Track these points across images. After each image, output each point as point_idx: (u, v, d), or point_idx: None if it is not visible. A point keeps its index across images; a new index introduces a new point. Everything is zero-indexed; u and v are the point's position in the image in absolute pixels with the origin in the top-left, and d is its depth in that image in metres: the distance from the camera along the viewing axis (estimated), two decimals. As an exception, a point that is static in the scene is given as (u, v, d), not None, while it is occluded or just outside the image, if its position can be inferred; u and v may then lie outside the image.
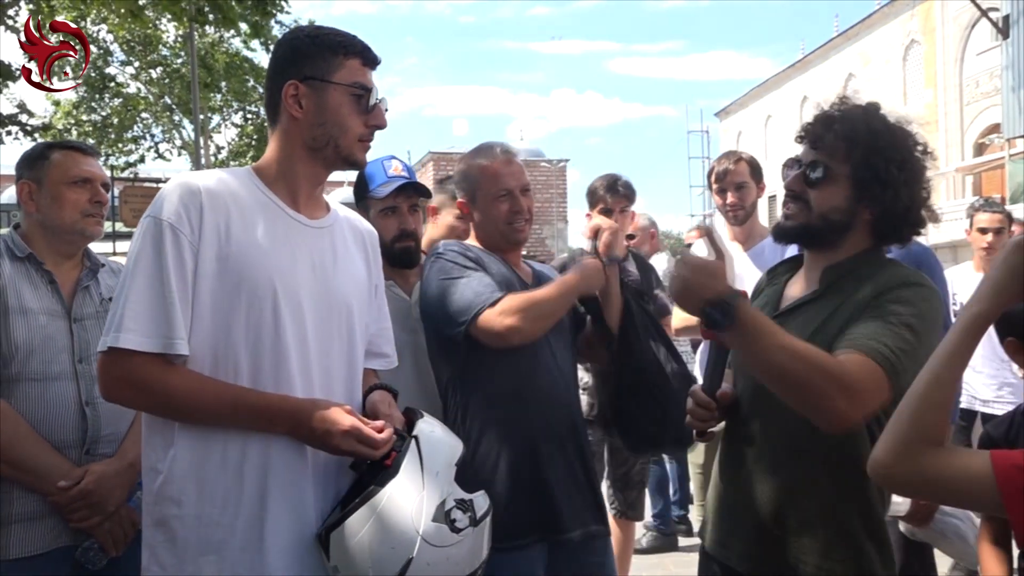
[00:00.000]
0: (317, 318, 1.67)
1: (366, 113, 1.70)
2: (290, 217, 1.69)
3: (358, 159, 1.73)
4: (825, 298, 1.68)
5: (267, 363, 1.60)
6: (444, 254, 2.28)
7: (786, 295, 1.81)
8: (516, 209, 2.32)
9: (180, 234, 1.55)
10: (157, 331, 1.52)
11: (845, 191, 1.65)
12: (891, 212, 1.64)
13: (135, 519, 1.99)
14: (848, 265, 1.68)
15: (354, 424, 1.58)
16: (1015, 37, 16.18)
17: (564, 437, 2.24)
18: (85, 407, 2.03)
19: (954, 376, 1.18)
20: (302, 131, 1.68)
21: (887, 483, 1.32)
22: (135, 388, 1.56)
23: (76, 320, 2.09)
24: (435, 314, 2.22)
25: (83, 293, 2.14)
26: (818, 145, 1.69)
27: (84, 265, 2.21)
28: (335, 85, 1.66)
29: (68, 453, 2.00)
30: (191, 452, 1.57)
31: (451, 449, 1.70)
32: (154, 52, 19.21)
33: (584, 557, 2.24)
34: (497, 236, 2.35)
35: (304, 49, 1.68)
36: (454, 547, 1.58)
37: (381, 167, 2.52)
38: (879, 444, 1.19)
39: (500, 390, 2.19)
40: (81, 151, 2.22)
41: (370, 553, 1.52)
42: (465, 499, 1.63)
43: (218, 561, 1.55)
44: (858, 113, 1.68)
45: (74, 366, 2.05)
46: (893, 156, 1.62)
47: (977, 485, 1.12)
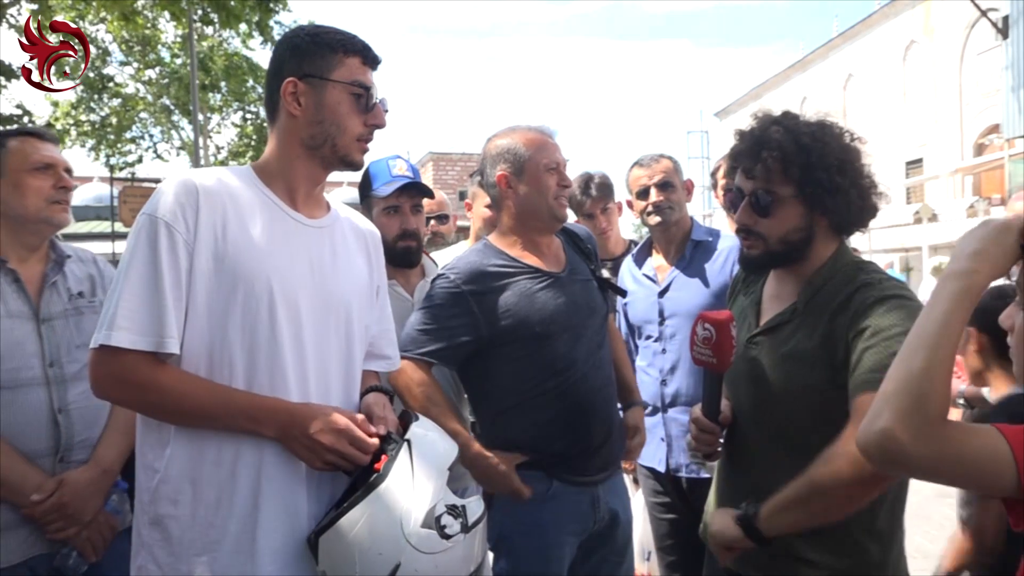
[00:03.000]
0: (314, 318, 1.65)
1: (365, 112, 1.68)
2: (288, 216, 1.67)
3: (355, 159, 1.70)
4: (804, 315, 1.69)
5: (262, 362, 1.59)
6: (447, 276, 2.24)
7: (764, 307, 1.82)
8: (565, 183, 2.28)
9: (175, 232, 1.53)
10: (149, 329, 1.51)
11: (797, 210, 1.67)
12: (846, 211, 1.67)
13: (113, 523, 1.97)
14: (823, 277, 1.69)
15: (348, 425, 1.57)
16: (1015, 37, 16.18)
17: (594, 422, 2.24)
18: (57, 414, 1.95)
19: (953, 348, 1.13)
20: (300, 129, 1.66)
21: (894, 458, 1.11)
22: (125, 386, 1.54)
23: (44, 321, 2.00)
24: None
25: (51, 290, 2.05)
26: (753, 174, 1.70)
27: (49, 258, 2.10)
28: (334, 83, 1.64)
29: (41, 462, 1.93)
30: (187, 451, 1.56)
31: (445, 453, 1.67)
32: (152, 52, 19.20)
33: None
34: (544, 211, 2.27)
35: (303, 47, 1.66)
36: (443, 554, 1.53)
37: (385, 166, 2.53)
38: (879, 419, 1.10)
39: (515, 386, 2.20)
40: (39, 136, 2.12)
41: (358, 558, 1.49)
42: (457, 505, 1.58)
43: (210, 562, 1.54)
44: (778, 129, 1.68)
45: (45, 371, 1.96)
46: (829, 162, 1.63)
47: (995, 462, 1.07)
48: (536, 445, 2.19)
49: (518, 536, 2.18)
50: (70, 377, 1.98)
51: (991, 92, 20.82)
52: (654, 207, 2.89)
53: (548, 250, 2.31)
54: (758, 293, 1.85)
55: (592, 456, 2.24)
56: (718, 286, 2.79)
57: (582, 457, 2.23)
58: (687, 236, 2.93)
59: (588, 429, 2.23)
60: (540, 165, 2.24)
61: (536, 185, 2.24)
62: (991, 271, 1.14)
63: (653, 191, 2.89)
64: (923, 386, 1.10)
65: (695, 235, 2.92)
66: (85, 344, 1.93)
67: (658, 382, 2.84)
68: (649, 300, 2.89)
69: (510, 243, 2.31)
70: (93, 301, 2.09)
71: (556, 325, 2.19)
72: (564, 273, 2.28)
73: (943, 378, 1.11)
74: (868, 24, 28.21)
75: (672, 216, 2.90)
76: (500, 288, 2.20)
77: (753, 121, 1.75)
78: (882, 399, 1.12)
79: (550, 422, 2.20)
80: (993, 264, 1.14)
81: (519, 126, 2.33)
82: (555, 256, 2.33)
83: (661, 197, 2.88)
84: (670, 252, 2.95)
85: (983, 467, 1.09)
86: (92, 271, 2.16)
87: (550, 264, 2.28)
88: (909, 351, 1.14)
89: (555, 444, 2.20)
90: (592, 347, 2.25)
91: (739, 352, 1.76)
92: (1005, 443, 1.07)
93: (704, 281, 2.83)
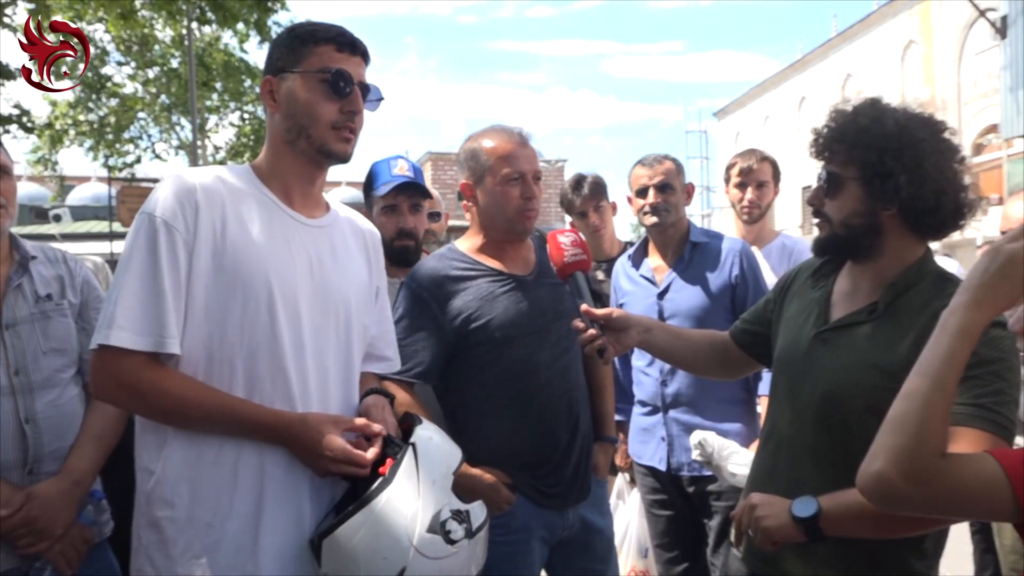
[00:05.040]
0: (313, 317, 1.64)
1: (340, 99, 1.63)
2: (287, 215, 1.66)
3: (333, 148, 1.65)
4: (884, 319, 1.61)
5: (262, 362, 1.58)
6: (409, 284, 2.20)
7: (833, 302, 1.74)
8: (528, 195, 2.16)
9: (175, 231, 1.52)
10: (149, 329, 1.49)
11: (857, 194, 1.62)
12: (912, 206, 1.58)
13: (87, 536, 1.90)
14: (907, 280, 1.62)
15: (343, 450, 1.56)
16: (1013, 37, 16.19)
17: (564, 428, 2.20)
18: (24, 424, 1.85)
19: (955, 383, 1.14)
20: (279, 125, 1.66)
21: (890, 500, 1.15)
22: (125, 389, 1.53)
23: (8, 327, 1.88)
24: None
25: (15, 293, 1.91)
26: (824, 156, 1.68)
27: (13, 259, 1.96)
28: (303, 73, 1.62)
29: (9, 475, 1.83)
30: (184, 453, 1.55)
31: (449, 457, 1.66)
32: (150, 52, 19.19)
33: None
34: (503, 224, 2.19)
35: (280, 43, 1.67)
36: (448, 559, 1.53)
37: (387, 166, 2.55)
38: (876, 460, 1.13)
39: (493, 389, 2.16)
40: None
41: (363, 562, 1.48)
42: (461, 510, 1.58)
43: (210, 563, 1.53)
44: (848, 113, 1.66)
45: (10, 379, 1.85)
46: (888, 146, 1.57)
47: (992, 491, 1.07)
48: (500, 454, 2.14)
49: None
50: (37, 385, 1.89)
51: (989, 92, 20.84)
52: (651, 208, 2.89)
53: (515, 253, 2.24)
54: (828, 288, 1.76)
55: (559, 466, 2.18)
56: (717, 287, 2.80)
57: (548, 465, 2.17)
58: (685, 238, 2.93)
59: (553, 435, 2.17)
60: (500, 175, 2.15)
61: (495, 196, 2.17)
62: (996, 308, 1.13)
63: (651, 191, 2.90)
64: (919, 426, 1.11)
65: (693, 237, 2.92)
66: (53, 350, 1.92)
67: (658, 382, 2.85)
68: (647, 301, 2.90)
69: (474, 246, 2.26)
70: (61, 304, 1.97)
71: (517, 328, 2.13)
72: (530, 276, 2.22)
73: (941, 415, 1.12)
74: (866, 24, 28.22)
75: (668, 219, 2.90)
76: (459, 291, 2.15)
77: (831, 108, 1.70)
78: (880, 439, 1.14)
79: (513, 428, 2.15)
80: (996, 302, 1.13)
81: (493, 128, 2.24)
82: (523, 259, 2.26)
83: (658, 199, 2.89)
84: (667, 254, 2.96)
85: (981, 497, 1.09)
86: (61, 271, 2.02)
87: (515, 267, 2.22)
88: (910, 387, 1.14)
89: (519, 452, 2.15)
90: (557, 352, 2.18)
91: (804, 347, 1.71)
92: (1000, 469, 1.07)
93: (703, 282, 2.84)
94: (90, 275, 2.09)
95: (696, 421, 2.73)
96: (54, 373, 1.92)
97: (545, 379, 2.16)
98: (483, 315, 2.13)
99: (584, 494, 2.26)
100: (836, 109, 1.69)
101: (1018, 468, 1.06)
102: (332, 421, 1.59)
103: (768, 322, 1.91)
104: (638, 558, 3.12)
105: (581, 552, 2.26)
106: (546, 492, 2.18)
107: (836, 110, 1.69)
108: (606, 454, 2.45)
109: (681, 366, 2.40)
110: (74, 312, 2.00)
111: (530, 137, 2.23)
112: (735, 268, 2.82)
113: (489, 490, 2.07)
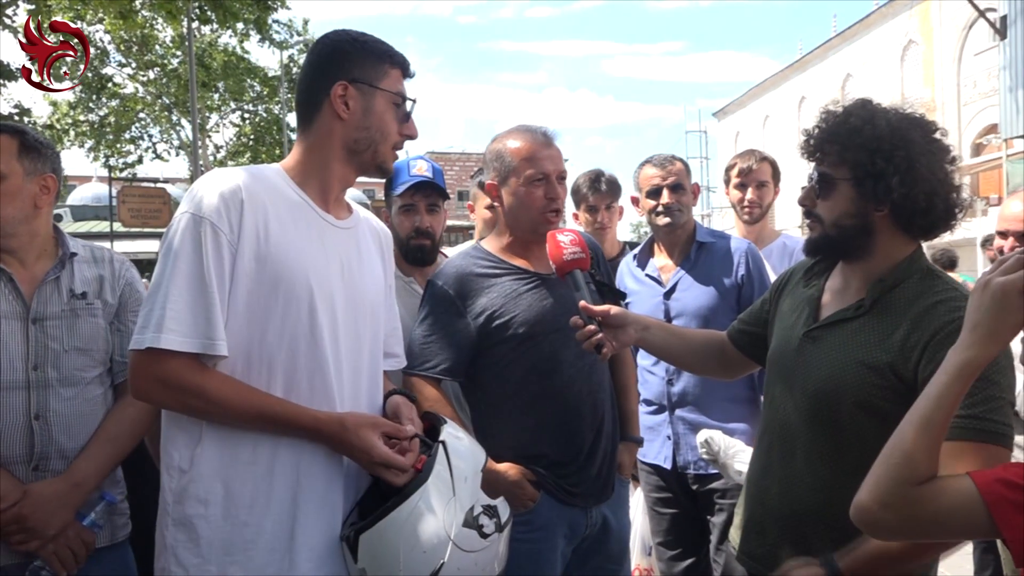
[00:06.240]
0: (347, 319, 1.68)
1: (403, 123, 1.73)
2: (320, 217, 1.69)
3: (390, 167, 1.77)
4: (871, 315, 1.62)
5: (303, 364, 1.60)
6: (434, 282, 2.23)
7: (823, 301, 1.75)
8: (552, 196, 2.19)
9: (220, 232, 1.53)
10: (198, 331, 1.50)
11: (849, 194, 1.62)
12: (904, 206, 1.59)
13: (88, 539, 1.88)
14: (895, 277, 1.63)
15: (388, 457, 1.58)
16: (1013, 37, 16.19)
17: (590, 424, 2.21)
18: (34, 420, 1.85)
19: (945, 419, 1.16)
20: (344, 132, 1.68)
21: (873, 529, 1.22)
22: (171, 390, 1.54)
23: (36, 321, 1.90)
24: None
25: (49, 288, 1.93)
26: (815, 157, 1.68)
27: (56, 255, 1.98)
28: (382, 91, 1.69)
29: (14, 469, 1.82)
30: (218, 450, 1.56)
31: (476, 455, 1.72)
32: (150, 52, 19.22)
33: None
34: (528, 224, 2.21)
35: (352, 53, 1.69)
36: (482, 552, 1.60)
37: (406, 166, 2.57)
38: (862, 490, 1.17)
39: (515, 388, 2.17)
40: None
41: (402, 556, 1.52)
42: (491, 505, 1.64)
43: (244, 562, 1.54)
44: (839, 114, 1.66)
45: (27, 374, 1.86)
46: (880, 147, 1.57)
47: (968, 512, 1.11)
48: (524, 451, 2.15)
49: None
50: (55, 382, 1.89)
51: (989, 92, 20.85)
52: (665, 208, 2.90)
53: (540, 252, 2.21)
54: (819, 287, 1.77)
55: (584, 465, 2.19)
56: (723, 287, 2.80)
57: (573, 464, 2.18)
58: (691, 238, 2.95)
59: (577, 434, 2.19)
60: (524, 176, 2.18)
61: (519, 197, 2.20)
62: (1001, 343, 1.15)
63: (665, 192, 2.90)
64: (901, 459, 1.15)
65: (699, 236, 2.93)
66: (77, 349, 1.92)
67: (664, 381, 2.85)
68: (654, 300, 2.90)
69: (500, 244, 2.28)
70: (94, 304, 1.98)
71: (541, 326, 2.15)
72: (555, 275, 2.22)
73: (924, 449, 1.15)
74: (866, 24, 28.26)
75: (681, 219, 2.92)
76: (484, 288, 2.18)
77: (823, 109, 1.71)
78: (871, 469, 1.18)
79: (537, 427, 2.16)
80: (1001, 337, 1.14)
81: (518, 128, 2.28)
82: (547, 258, 2.30)
83: (672, 199, 2.90)
84: (674, 253, 2.96)
85: (958, 519, 1.13)
86: (103, 271, 2.03)
87: (540, 266, 2.22)
88: (904, 420, 1.17)
89: (543, 450, 2.16)
90: (581, 351, 2.15)
91: (794, 346, 1.72)
92: (975, 489, 1.10)
93: (709, 282, 2.84)
94: (135, 278, 2.09)
95: (702, 420, 2.74)
96: (75, 372, 1.92)
97: (569, 376, 2.17)
98: (507, 312, 2.15)
99: (608, 493, 2.27)
100: (827, 110, 1.70)
101: (992, 487, 1.09)
102: (371, 424, 1.61)
103: (765, 322, 1.92)
104: (642, 556, 3.12)
105: (597, 551, 2.27)
106: (570, 491, 2.18)
107: (827, 111, 1.69)
108: (631, 453, 2.46)
109: (678, 365, 2.43)
110: (108, 313, 2.00)
111: (555, 137, 2.26)
112: (741, 268, 2.83)
113: (514, 487, 2.10)
